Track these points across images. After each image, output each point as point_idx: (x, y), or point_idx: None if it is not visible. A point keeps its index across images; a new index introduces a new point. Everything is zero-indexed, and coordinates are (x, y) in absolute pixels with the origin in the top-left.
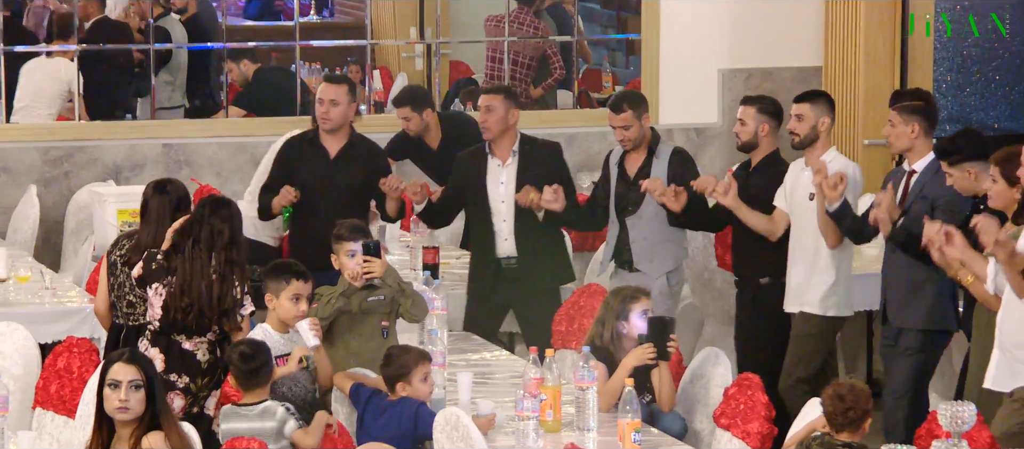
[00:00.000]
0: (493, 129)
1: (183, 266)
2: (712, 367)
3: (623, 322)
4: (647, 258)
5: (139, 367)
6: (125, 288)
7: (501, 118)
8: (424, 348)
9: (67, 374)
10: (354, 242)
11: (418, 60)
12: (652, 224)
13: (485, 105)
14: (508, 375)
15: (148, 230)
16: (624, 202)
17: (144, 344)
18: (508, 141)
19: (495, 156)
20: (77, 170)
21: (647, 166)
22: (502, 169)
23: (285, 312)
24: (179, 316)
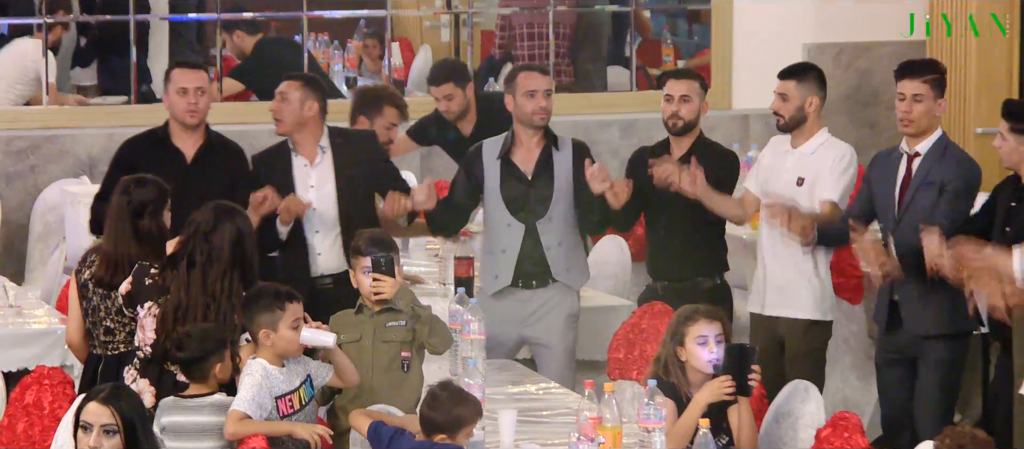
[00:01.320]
0: (286, 121)
1: (178, 288)
2: (800, 403)
3: (680, 347)
4: (565, 267)
5: (115, 410)
6: (100, 312)
7: (295, 110)
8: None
9: (37, 410)
10: (369, 258)
11: (444, 30)
12: (564, 228)
13: (280, 93)
14: (558, 412)
15: (107, 242)
16: (524, 202)
17: (132, 374)
18: (310, 136)
19: (299, 154)
20: (45, 164)
21: (547, 160)
22: (310, 171)
23: (288, 344)
24: (169, 346)
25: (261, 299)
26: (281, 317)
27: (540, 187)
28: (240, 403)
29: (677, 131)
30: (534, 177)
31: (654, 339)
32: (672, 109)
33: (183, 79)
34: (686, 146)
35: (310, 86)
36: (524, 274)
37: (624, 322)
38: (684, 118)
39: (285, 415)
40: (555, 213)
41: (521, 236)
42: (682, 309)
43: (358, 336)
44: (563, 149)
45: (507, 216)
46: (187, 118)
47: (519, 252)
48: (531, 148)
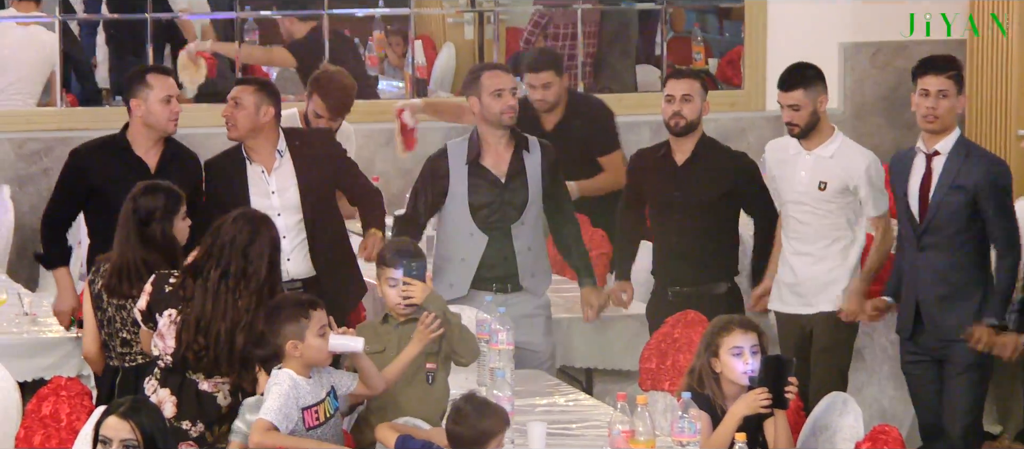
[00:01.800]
0: (240, 127)
1: (203, 299)
2: (838, 416)
3: (715, 359)
4: (530, 272)
5: (135, 424)
6: (116, 323)
7: (250, 115)
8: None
9: (54, 422)
10: (395, 269)
11: (468, 28)
12: (534, 232)
13: (233, 97)
14: (588, 424)
15: (115, 249)
16: (495, 208)
17: (152, 384)
18: (266, 143)
19: (254, 162)
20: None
21: (519, 162)
22: (268, 177)
23: (316, 352)
24: (190, 357)
25: (285, 309)
26: (307, 325)
27: (514, 190)
28: (267, 413)
29: (679, 131)
30: (508, 180)
31: (687, 349)
32: (673, 109)
33: (166, 86)
34: (689, 148)
35: (265, 90)
36: (488, 280)
37: (656, 331)
38: (686, 118)
39: (311, 427)
40: (528, 217)
41: (484, 245)
42: (717, 319)
43: (382, 347)
44: (533, 151)
45: (470, 225)
46: (170, 127)
47: (480, 261)
48: (500, 151)
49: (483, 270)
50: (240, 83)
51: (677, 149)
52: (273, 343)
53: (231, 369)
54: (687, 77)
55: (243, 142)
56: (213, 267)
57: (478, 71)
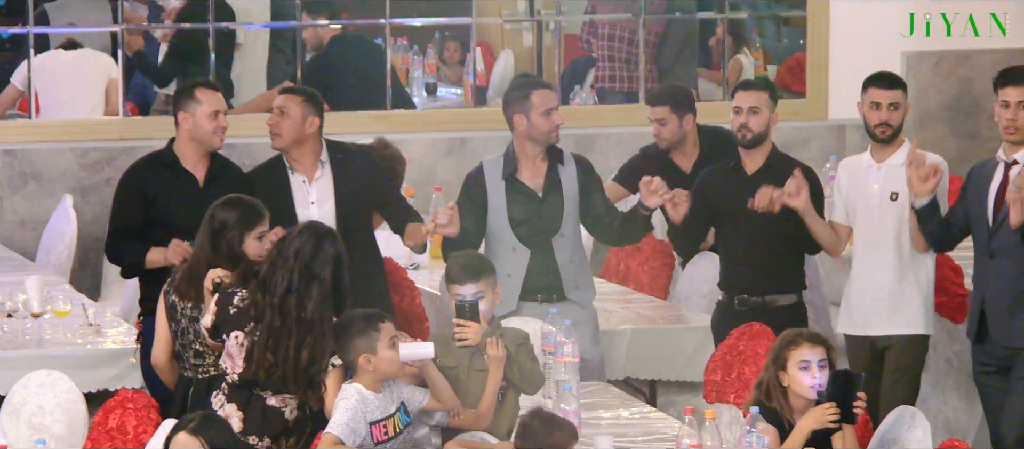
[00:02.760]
0: (285, 136)
1: (271, 315)
2: (907, 430)
3: (782, 372)
4: (574, 284)
5: (204, 440)
6: (189, 335)
7: (296, 125)
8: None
9: (120, 435)
10: (460, 286)
11: (526, 35)
12: (574, 244)
13: (279, 107)
14: (655, 437)
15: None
16: (534, 222)
17: (219, 399)
18: (309, 154)
19: (297, 172)
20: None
21: (554, 176)
22: (309, 188)
23: (388, 364)
24: (262, 374)
25: (354, 324)
26: (378, 338)
27: (551, 203)
28: (335, 427)
29: (747, 143)
30: (545, 194)
31: (752, 361)
32: (741, 121)
33: (214, 101)
34: (760, 160)
35: (311, 101)
36: (533, 291)
37: (721, 343)
38: (753, 130)
39: (379, 441)
40: (566, 228)
41: (527, 260)
42: (785, 333)
43: (454, 363)
44: (567, 164)
45: (512, 240)
46: (215, 141)
47: (524, 275)
48: (537, 164)
49: (528, 283)
50: (286, 92)
51: (747, 160)
52: (344, 359)
53: (297, 387)
54: (755, 89)
55: (286, 152)
56: (279, 281)
57: (527, 89)
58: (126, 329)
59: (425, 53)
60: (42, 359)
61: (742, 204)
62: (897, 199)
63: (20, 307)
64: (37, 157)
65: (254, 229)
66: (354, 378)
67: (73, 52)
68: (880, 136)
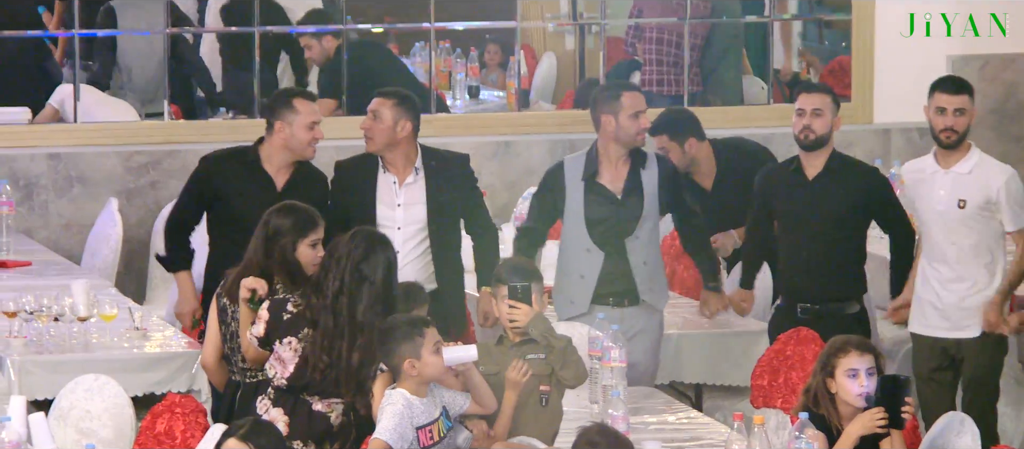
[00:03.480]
0: (377, 140)
1: (326, 318)
2: (955, 436)
3: (830, 379)
4: (649, 287)
5: (254, 447)
6: (239, 338)
7: (388, 129)
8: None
9: (168, 439)
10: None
11: (569, 38)
12: (650, 247)
13: (372, 110)
14: (702, 443)
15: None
16: (611, 223)
17: (264, 404)
18: (402, 157)
19: (388, 171)
20: (166, 180)
21: (635, 178)
22: (398, 190)
23: (433, 369)
24: (317, 376)
25: (399, 329)
26: (422, 343)
27: (630, 206)
28: (382, 432)
29: (809, 146)
30: (624, 196)
31: (799, 366)
32: (804, 123)
33: (312, 112)
34: (820, 163)
35: (404, 104)
36: (606, 295)
37: (768, 348)
38: (816, 132)
39: (425, 446)
40: (642, 232)
41: (601, 262)
42: (833, 340)
43: (497, 369)
44: (649, 167)
45: (587, 241)
46: (309, 153)
47: (598, 277)
48: (619, 167)
49: (602, 286)
50: (380, 95)
51: (808, 163)
52: (389, 364)
53: (348, 390)
54: (818, 91)
55: (380, 155)
56: (330, 283)
57: (617, 90)
58: (173, 332)
59: (468, 56)
60: (89, 363)
61: (802, 208)
62: (965, 207)
63: (67, 311)
64: (82, 161)
65: (307, 237)
66: (398, 383)
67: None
68: (945, 141)
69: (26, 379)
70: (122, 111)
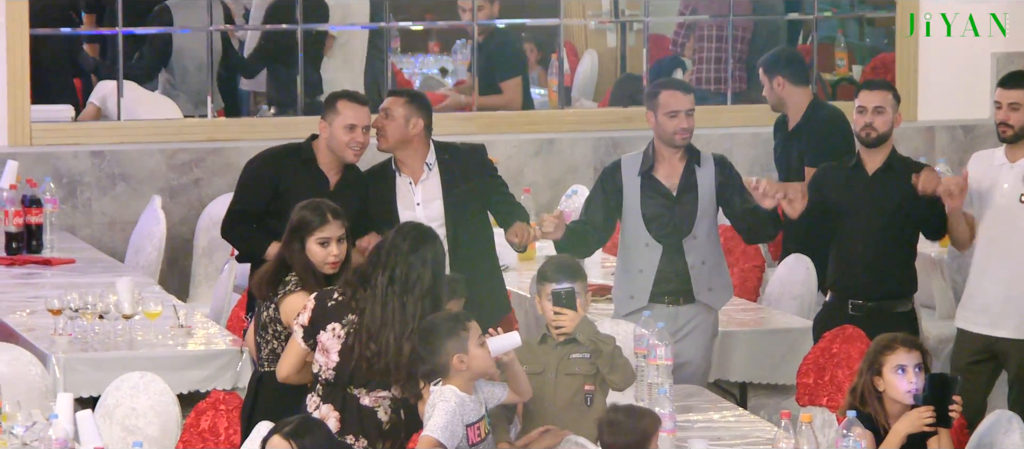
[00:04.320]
0: (389, 138)
1: (373, 307)
2: (1003, 435)
3: (877, 377)
4: (706, 286)
5: (299, 446)
6: (268, 331)
7: (399, 126)
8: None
9: (212, 436)
10: (556, 284)
11: (610, 35)
12: (708, 246)
13: (384, 109)
14: (748, 441)
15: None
16: (666, 221)
17: (314, 400)
18: (414, 155)
19: (403, 173)
20: (210, 177)
21: (690, 176)
22: (414, 189)
23: (481, 361)
24: (363, 365)
25: (442, 326)
26: (467, 337)
27: (685, 204)
28: (433, 430)
29: (871, 143)
30: (679, 193)
31: (845, 364)
32: (866, 120)
33: (353, 115)
34: (880, 160)
35: (416, 103)
36: (662, 293)
37: (814, 346)
38: (878, 130)
39: (474, 444)
40: (700, 230)
41: (659, 257)
42: (880, 338)
43: (541, 368)
44: (705, 165)
45: (645, 236)
46: (349, 155)
47: (656, 272)
48: (674, 164)
49: (659, 283)
50: (392, 94)
51: (867, 160)
52: (435, 362)
53: (398, 379)
54: (880, 89)
55: (393, 153)
56: (379, 274)
57: (658, 87)
58: (218, 330)
59: None
60: (133, 361)
61: (860, 203)
62: None
63: (111, 308)
64: (125, 158)
65: (314, 233)
66: (447, 380)
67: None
68: (1001, 135)
69: (71, 376)
70: (165, 109)
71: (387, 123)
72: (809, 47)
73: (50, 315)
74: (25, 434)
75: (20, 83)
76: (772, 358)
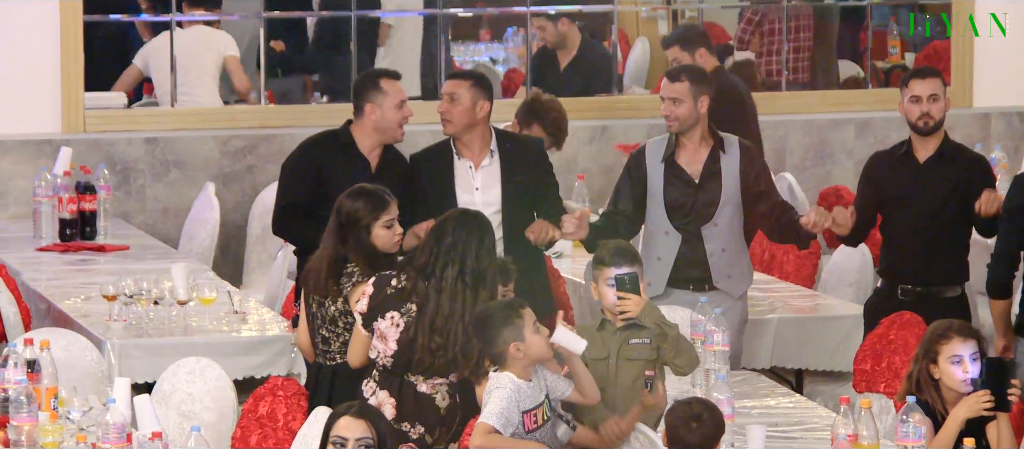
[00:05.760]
0: (456, 122)
1: (439, 300)
2: None
3: (933, 365)
4: (726, 274)
5: (370, 423)
6: (317, 320)
7: (466, 110)
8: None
9: (271, 422)
10: (616, 268)
11: (662, 22)
12: (729, 233)
13: (448, 93)
14: (805, 427)
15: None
16: (688, 209)
17: (371, 387)
18: (478, 139)
19: (463, 157)
20: (263, 164)
21: (714, 163)
22: (474, 173)
23: (537, 348)
24: (428, 357)
25: (497, 315)
26: (523, 325)
27: (708, 191)
28: (489, 416)
29: (928, 131)
30: (702, 181)
31: (903, 350)
32: (922, 109)
33: (399, 91)
34: (932, 147)
35: (481, 85)
36: (681, 280)
37: (871, 332)
38: (934, 117)
39: (530, 430)
40: (721, 218)
41: (677, 245)
42: (935, 325)
43: (604, 354)
44: (730, 151)
45: (665, 223)
46: (399, 134)
47: (674, 260)
48: (696, 150)
49: (679, 270)
50: (455, 77)
51: (919, 148)
52: (491, 351)
53: (467, 368)
54: (932, 76)
55: (456, 138)
56: (447, 267)
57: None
58: (272, 316)
59: None
60: (188, 346)
61: (912, 191)
62: None
63: (166, 294)
64: (179, 145)
65: (380, 218)
66: (504, 367)
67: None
68: None
69: (126, 362)
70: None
71: (453, 107)
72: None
73: (105, 301)
74: (81, 419)
75: (74, 70)
76: (828, 345)
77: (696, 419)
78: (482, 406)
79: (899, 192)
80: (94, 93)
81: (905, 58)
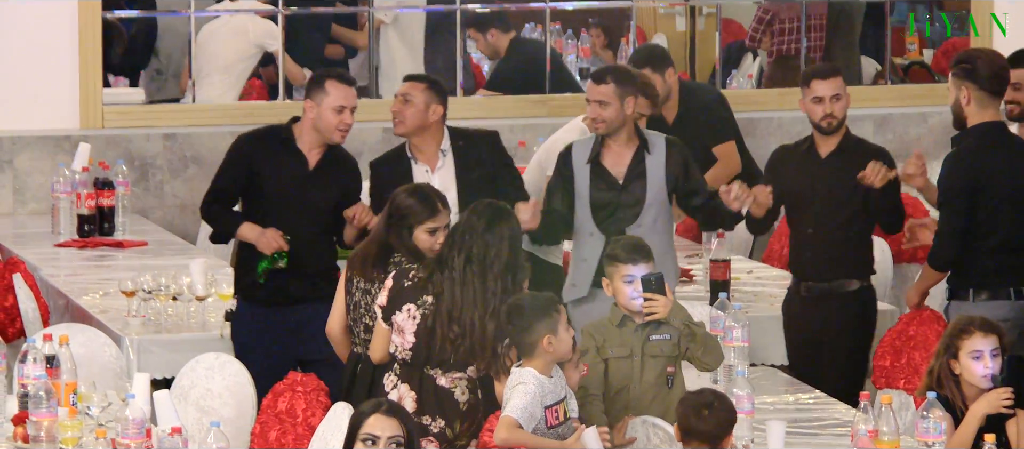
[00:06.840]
0: (408, 123)
1: (452, 289)
2: None
3: (953, 361)
4: None
5: (400, 421)
6: (361, 308)
7: (419, 112)
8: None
9: (290, 418)
10: (632, 265)
11: (679, 19)
12: (654, 234)
13: (402, 94)
14: (823, 423)
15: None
16: (613, 209)
17: (391, 379)
18: (431, 142)
19: (419, 162)
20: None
21: (639, 164)
22: (431, 177)
23: (566, 347)
24: (448, 346)
25: (535, 305)
26: (559, 320)
27: (632, 192)
28: (513, 410)
29: (830, 131)
30: (625, 182)
31: (922, 346)
32: (825, 109)
33: (342, 96)
34: (834, 144)
35: (434, 89)
36: None
37: (890, 328)
38: (837, 117)
39: (552, 426)
40: (646, 219)
41: (602, 246)
42: (956, 321)
43: (627, 351)
44: (655, 151)
45: (590, 224)
46: (335, 136)
47: (598, 262)
48: (622, 151)
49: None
50: (410, 79)
51: (822, 145)
52: (524, 340)
53: (483, 358)
54: (833, 76)
55: (409, 139)
56: (456, 255)
57: None
58: None
59: (579, 37)
60: (206, 342)
61: (812, 188)
62: None
63: (185, 290)
64: (197, 141)
65: (425, 223)
66: (529, 361)
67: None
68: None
69: (144, 358)
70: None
71: (405, 108)
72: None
73: (123, 297)
74: (100, 414)
75: (92, 66)
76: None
77: (707, 407)
78: (503, 402)
79: (800, 188)
80: (113, 89)
81: (923, 54)
